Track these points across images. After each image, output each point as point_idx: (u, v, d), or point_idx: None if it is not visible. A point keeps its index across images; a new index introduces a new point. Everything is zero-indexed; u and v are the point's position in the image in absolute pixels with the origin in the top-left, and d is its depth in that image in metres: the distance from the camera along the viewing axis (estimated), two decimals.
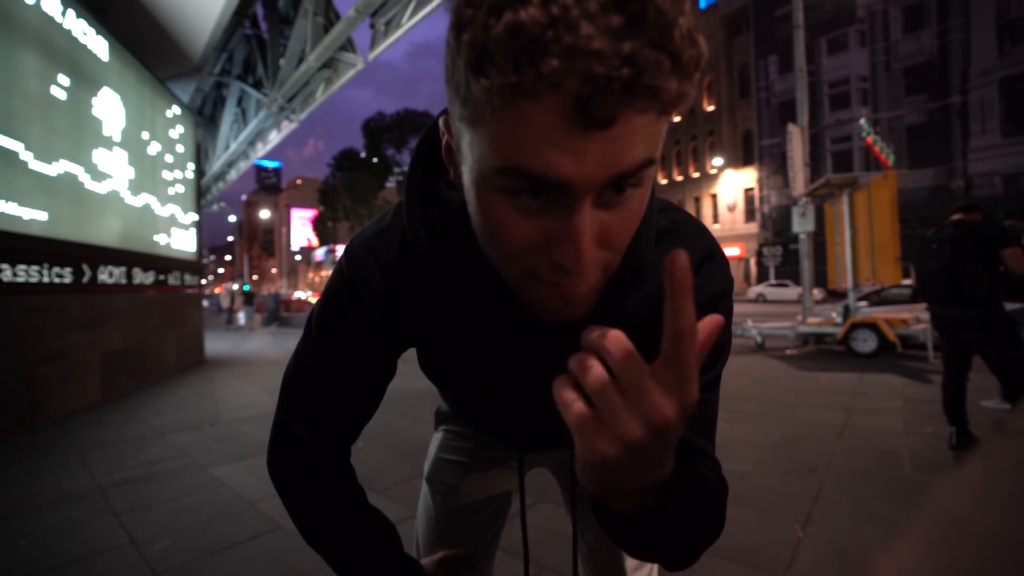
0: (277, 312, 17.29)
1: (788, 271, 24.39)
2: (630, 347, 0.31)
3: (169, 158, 6.50)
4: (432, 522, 0.86)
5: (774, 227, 26.90)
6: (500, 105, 0.31)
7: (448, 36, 0.33)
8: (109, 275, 4.97)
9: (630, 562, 0.82)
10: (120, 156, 5.18)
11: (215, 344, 9.83)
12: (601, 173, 0.33)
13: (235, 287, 16.38)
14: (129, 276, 5.36)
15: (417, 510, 0.91)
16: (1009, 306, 3.02)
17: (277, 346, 10.35)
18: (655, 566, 0.87)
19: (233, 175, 13.73)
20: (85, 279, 4.58)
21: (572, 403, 0.32)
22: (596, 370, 0.31)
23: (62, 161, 4.25)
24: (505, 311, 0.49)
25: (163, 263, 6.24)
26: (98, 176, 4.79)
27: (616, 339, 0.31)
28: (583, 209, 0.34)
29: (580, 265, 0.35)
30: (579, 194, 0.33)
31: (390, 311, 0.54)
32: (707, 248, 0.52)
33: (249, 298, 16.07)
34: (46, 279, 4.06)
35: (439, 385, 0.69)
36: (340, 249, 44.13)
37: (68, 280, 4.33)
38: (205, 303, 15.24)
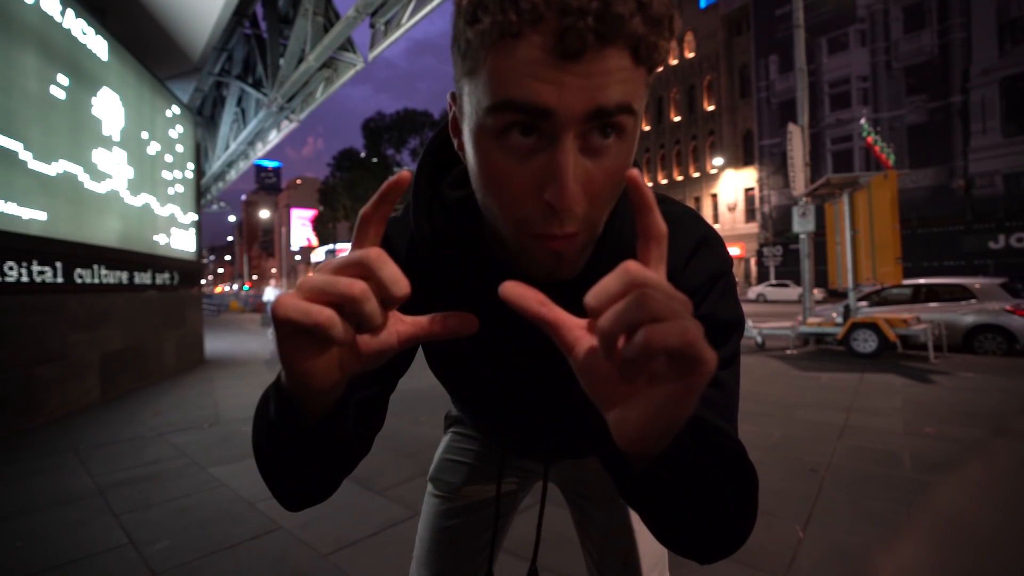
0: None
1: (788, 271, 24.38)
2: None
3: (169, 158, 6.49)
4: (432, 520, 0.86)
5: (774, 227, 26.89)
6: (491, 47, 0.36)
7: (454, 6, 0.39)
8: (108, 275, 4.96)
9: (645, 564, 0.81)
10: (119, 156, 5.18)
11: (215, 344, 9.82)
12: (580, 105, 0.36)
13: None
14: (129, 276, 5.36)
15: (421, 509, 0.91)
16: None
17: None
18: (665, 569, 0.86)
19: (233, 175, 13.73)
20: (84, 279, 4.58)
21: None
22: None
23: (61, 161, 4.24)
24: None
25: (163, 263, 6.23)
26: (97, 176, 4.78)
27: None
28: (567, 144, 0.37)
29: (565, 200, 0.37)
30: (562, 126, 0.36)
31: None
32: (701, 233, 0.54)
33: None
34: (45, 279, 4.05)
35: (445, 384, 0.70)
36: (340, 249, 44.18)
37: (67, 280, 4.33)
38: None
